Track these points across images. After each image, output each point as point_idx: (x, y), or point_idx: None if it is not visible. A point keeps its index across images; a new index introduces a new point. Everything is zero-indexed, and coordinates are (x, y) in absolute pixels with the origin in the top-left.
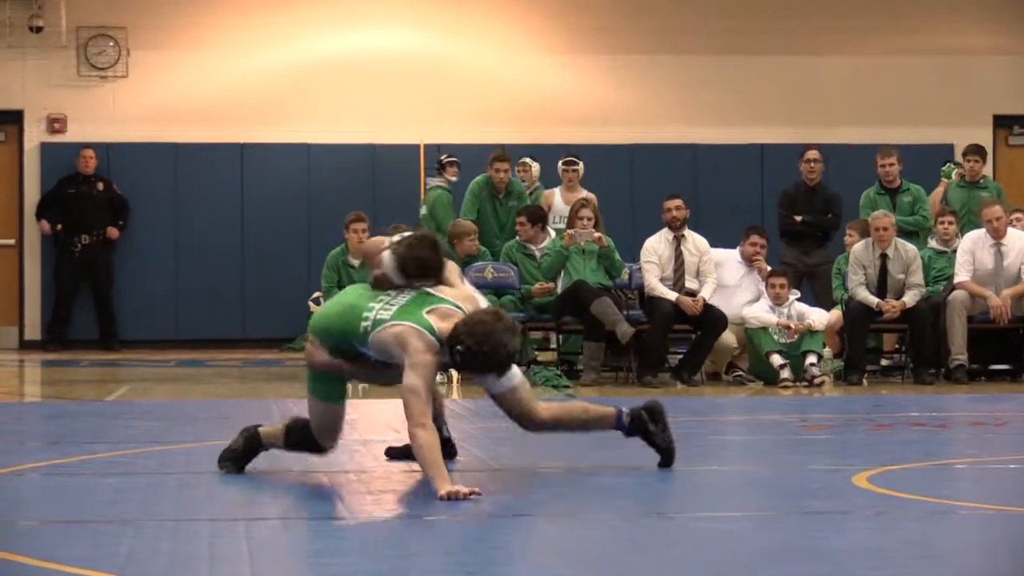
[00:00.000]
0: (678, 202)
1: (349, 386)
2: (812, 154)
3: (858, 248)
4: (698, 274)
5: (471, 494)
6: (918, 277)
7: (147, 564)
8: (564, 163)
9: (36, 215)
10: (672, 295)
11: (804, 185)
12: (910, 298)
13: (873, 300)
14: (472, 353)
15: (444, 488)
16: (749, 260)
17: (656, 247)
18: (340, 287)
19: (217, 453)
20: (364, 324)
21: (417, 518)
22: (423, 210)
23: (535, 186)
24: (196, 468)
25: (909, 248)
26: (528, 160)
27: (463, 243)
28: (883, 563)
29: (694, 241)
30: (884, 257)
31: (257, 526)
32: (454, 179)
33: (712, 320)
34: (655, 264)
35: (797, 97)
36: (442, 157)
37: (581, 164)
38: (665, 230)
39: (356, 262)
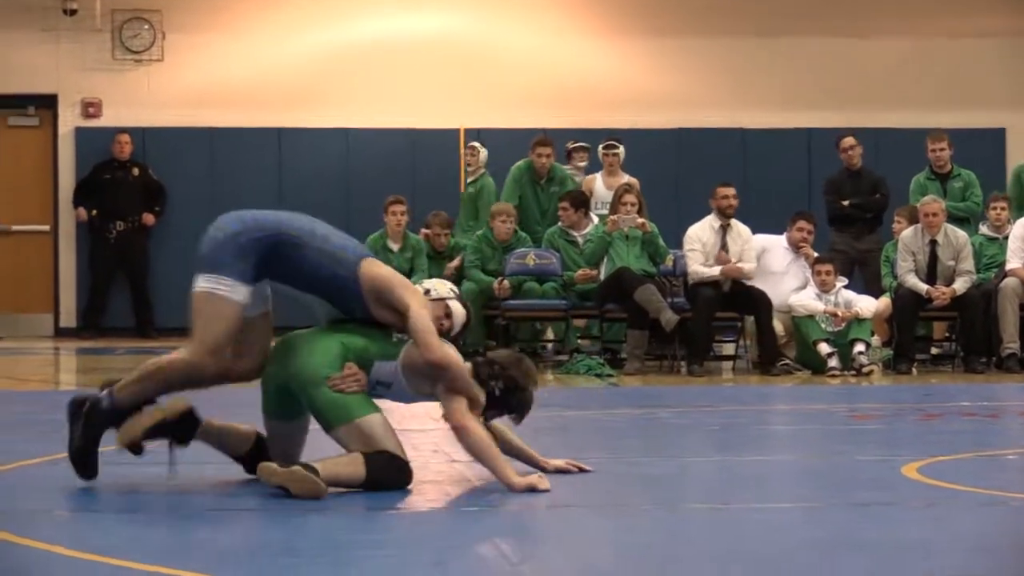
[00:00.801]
0: (732, 191)
1: None
2: (847, 141)
3: (907, 234)
4: (742, 261)
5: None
6: (968, 264)
7: (185, 555)
8: (604, 147)
9: (73, 202)
10: (715, 271)
11: (848, 170)
12: (960, 285)
13: (923, 287)
14: (511, 391)
15: (517, 480)
16: (796, 246)
17: (700, 234)
18: None
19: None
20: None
21: (458, 509)
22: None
23: (480, 172)
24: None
25: (959, 234)
26: (476, 145)
27: (495, 222)
28: (933, 556)
29: (738, 229)
30: (934, 243)
31: (300, 514)
32: (583, 164)
33: (757, 301)
34: (699, 251)
35: (845, 80)
36: (569, 144)
37: (622, 148)
38: (711, 217)
39: (395, 246)
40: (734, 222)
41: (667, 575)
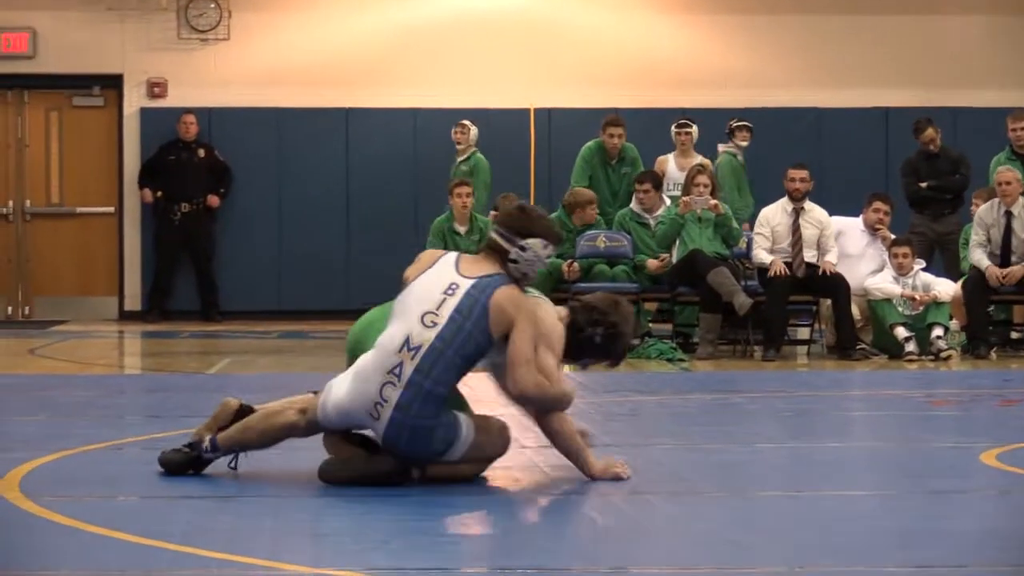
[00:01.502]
0: (803, 173)
1: None
2: (927, 136)
3: (983, 209)
4: (818, 247)
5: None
6: None
7: (250, 541)
8: (677, 126)
9: (138, 183)
10: (769, 259)
11: (926, 152)
12: None
13: (986, 263)
14: (613, 337)
15: (599, 466)
16: (872, 228)
17: (771, 217)
18: None
19: None
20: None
21: (527, 498)
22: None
23: (471, 150)
24: (299, 443)
25: None
26: (467, 123)
27: (585, 212)
28: (1013, 545)
29: (814, 213)
30: (1009, 215)
31: (362, 502)
32: (744, 144)
33: (836, 284)
34: (764, 235)
35: (923, 58)
36: (732, 121)
37: (695, 128)
38: (785, 200)
39: (462, 228)
40: (811, 206)
41: (741, 563)
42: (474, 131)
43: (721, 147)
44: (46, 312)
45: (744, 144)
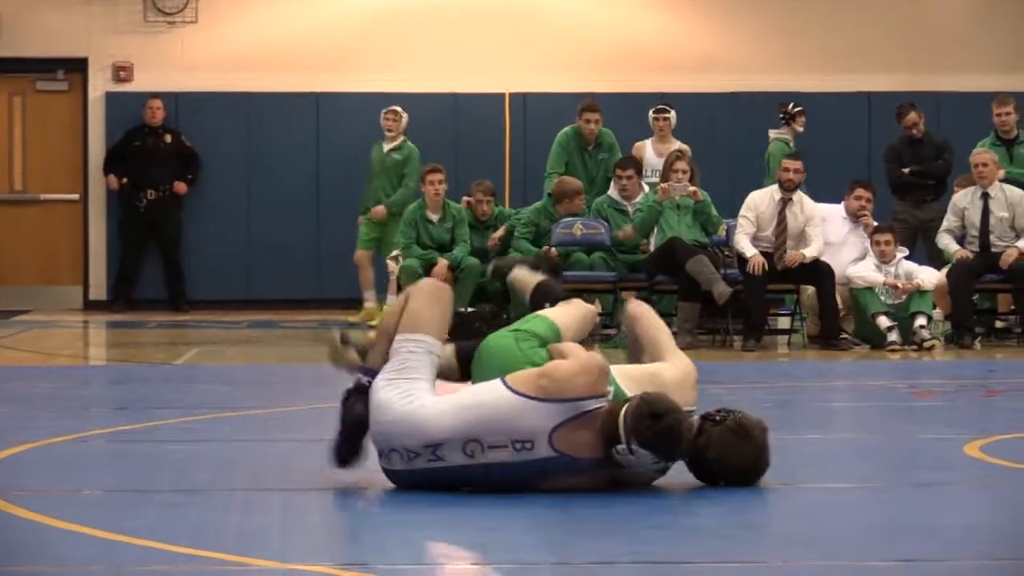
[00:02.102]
0: (798, 164)
1: None
2: (910, 119)
3: (959, 194)
4: (803, 238)
5: None
6: None
7: (217, 536)
8: (655, 112)
9: (103, 170)
10: (750, 251)
11: (909, 137)
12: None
13: (953, 247)
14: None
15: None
16: (854, 216)
17: (758, 202)
18: (419, 244)
19: (288, 420)
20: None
21: (500, 494)
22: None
23: (401, 138)
24: (269, 435)
25: (1014, 190)
26: (398, 109)
27: (572, 202)
28: (998, 538)
29: (802, 205)
30: (986, 197)
31: (333, 496)
32: (801, 130)
33: (820, 272)
34: (749, 219)
35: (907, 42)
36: (788, 107)
37: (673, 113)
38: (775, 187)
39: (435, 216)
40: (800, 196)
41: (723, 556)
42: (405, 118)
43: (773, 133)
44: (8, 302)
45: (801, 130)
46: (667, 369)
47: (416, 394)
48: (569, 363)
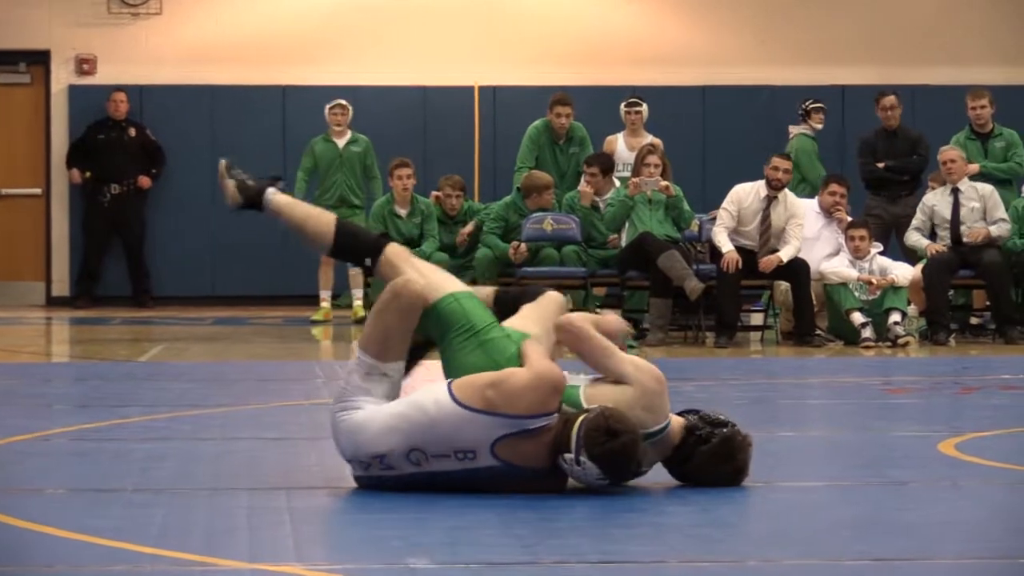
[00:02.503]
0: (788, 164)
1: None
2: (888, 101)
3: (929, 194)
4: (783, 234)
5: None
6: (1000, 212)
7: (183, 536)
8: (626, 105)
9: (67, 164)
10: (727, 247)
11: (884, 130)
12: (994, 228)
13: (923, 243)
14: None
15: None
16: (828, 211)
17: (743, 196)
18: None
19: (254, 418)
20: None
21: (472, 494)
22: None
23: (350, 133)
24: (234, 433)
25: (985, 185)
26: (344, 102)
27: (542, 197)
28: (973, 536)
29: (787, 203)
30: (956, 192)
31: (300, 495)
32: (819, 127)
33: (795, 268)
34: (729, 213)
35: (881, 34)
36: (807, 103)
37: (645, 106)
38: (761, 183)
39: (403, 211)
40: (786, 195)
41: (695, 555)
42: (351, 111)
43: (794, 129)
44: None
45: (819, 127)
46: (629, 393)
47: (354, 408)
48: (520, 377)
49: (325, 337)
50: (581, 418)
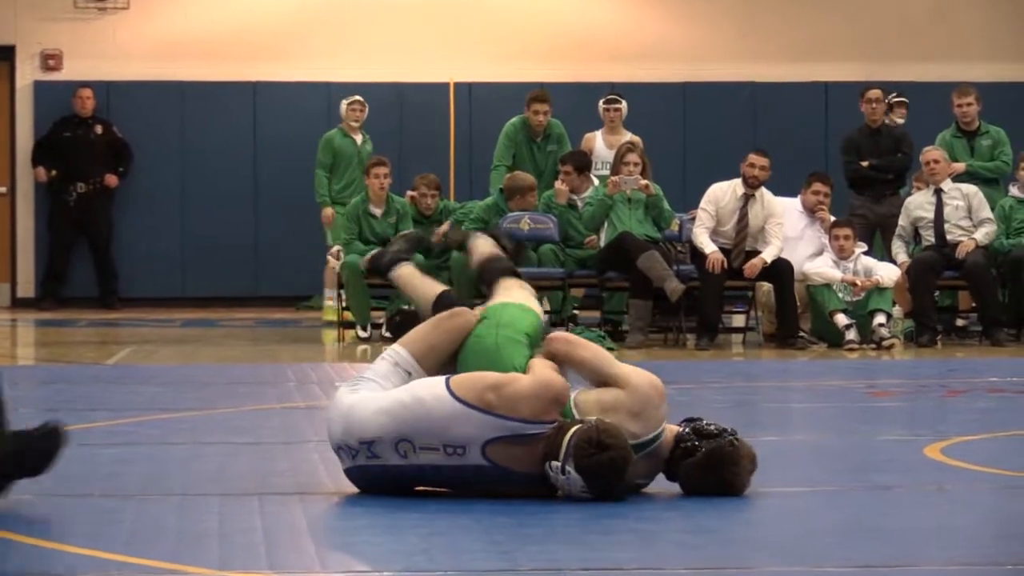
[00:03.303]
0: (764, 161)
1: None
2: (874, 93)
3: (911, 198)
4: (762, 235)
5: None
6: (986, 212)
7: (152, 542)
8: (605, 102)
9: (32, 162)
10: (710, 247)
11: (867, 128)
12: (980, 235)
13: (902, 258)
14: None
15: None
16: (811, 210)
17: (720, 196)
18: (362, 239)
19: (225, 422)
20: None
21: (447, 499)
22: None
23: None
24: (204, 438)
25: (969, 186)
26: (361, 98)
27: (525, 199)
28: (960, 543)
29: (764, 202)
30: (939, 193)
31: (272, 501)
32: (901, 122)
33: (778, 269)
34: (709, 213)
35: (865, 30)
36: (890, 97)
37: (624, 103)
38: (738, 182)
39: (378, 211)
40: (764, 194)
41: (676, 564)
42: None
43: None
44: None
45: (901, 122)
46: (620, 396)
47: (358, 389)
48: (523, 383)
49: (298, 339)
50: (575, 428)
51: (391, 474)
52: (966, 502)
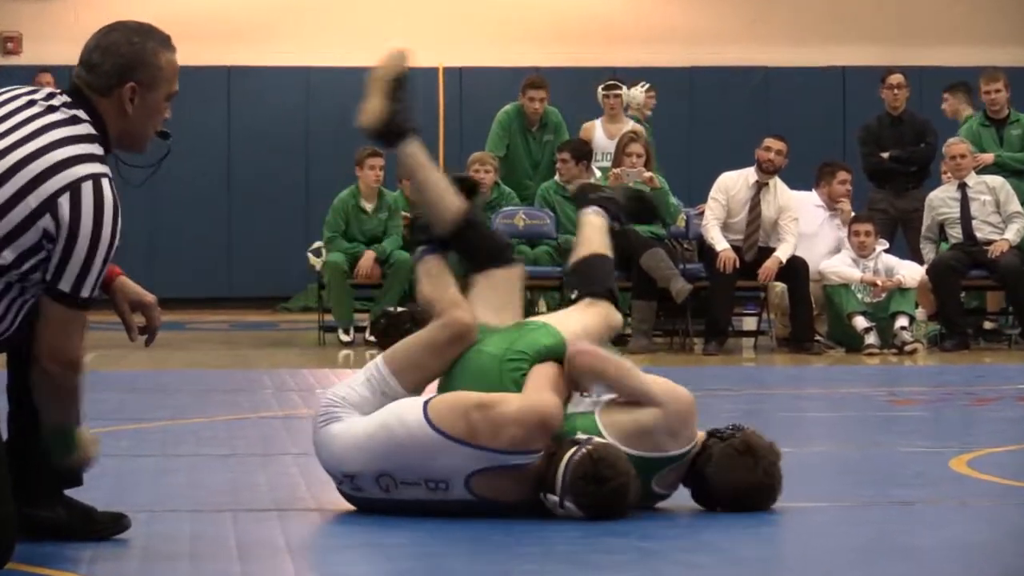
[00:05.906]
0: (781, 145)
1: None
2: (895, 79)
3: (932, 194)
4: (775, 231)
5: None
6: (1015, 205)
7: (118, 561)
8: (604, 88)
9: None
10: (722, 244)
11: (888, 116)
12: (1012, 234)
13: (932, 256)
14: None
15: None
16: (835, 202)
17: (731, 185)
18: (347, 236)
19: (199, 432)
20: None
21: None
22: None
23: None
24: (175, 450)
25: (995, 178)
26: None
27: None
28: (987, 560)
29: (777, 193)
30: (964, 187)
31: (248, 518)
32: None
33: (793, 268)
34: (719, 203)
35: (885, 11)
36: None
37: (625, 89)
38: (751, 170)
39: (369, 206)
40: (778, 184)
41: None
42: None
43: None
44: None
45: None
46: (654, 416)
47: (336, 416)
48: (510, 406)
49: (276, 343)
50: (567, 457)
51: (377, 507)
52: (992, 518)
